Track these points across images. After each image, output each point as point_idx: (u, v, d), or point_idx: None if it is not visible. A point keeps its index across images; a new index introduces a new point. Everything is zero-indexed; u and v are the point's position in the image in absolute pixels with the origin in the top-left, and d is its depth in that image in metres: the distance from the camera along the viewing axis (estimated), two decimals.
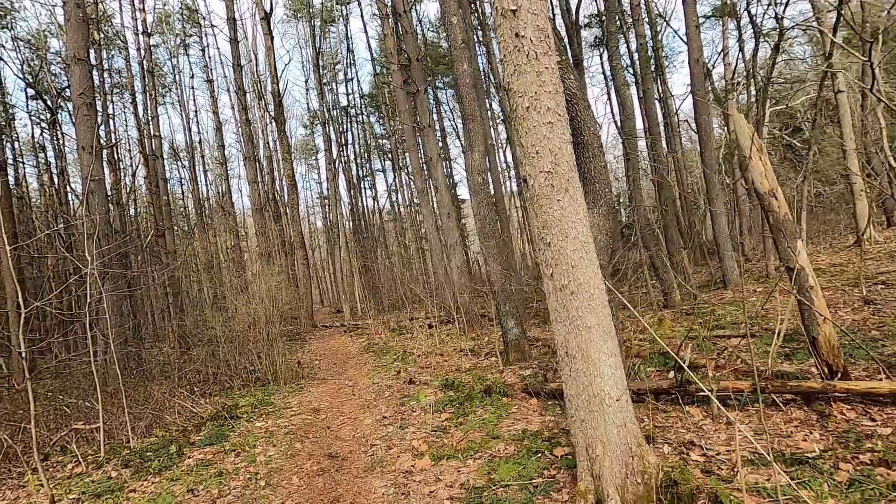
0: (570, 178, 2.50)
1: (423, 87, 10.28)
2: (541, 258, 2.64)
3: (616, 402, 2.53)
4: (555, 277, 2.55)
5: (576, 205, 2.51)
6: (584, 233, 2.53)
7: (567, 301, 2.52)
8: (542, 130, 2.47)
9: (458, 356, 7.91)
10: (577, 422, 2.61)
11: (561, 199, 2.49)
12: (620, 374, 2.58)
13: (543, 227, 2.54)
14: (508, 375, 5.79)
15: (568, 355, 2.58)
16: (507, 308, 6.21)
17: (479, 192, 6.30)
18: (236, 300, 8.81)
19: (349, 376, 8.24)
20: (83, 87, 8.69)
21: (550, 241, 2.53)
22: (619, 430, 2.52)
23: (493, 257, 6.24)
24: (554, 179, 2.48)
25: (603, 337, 2.54)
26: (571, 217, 2.50)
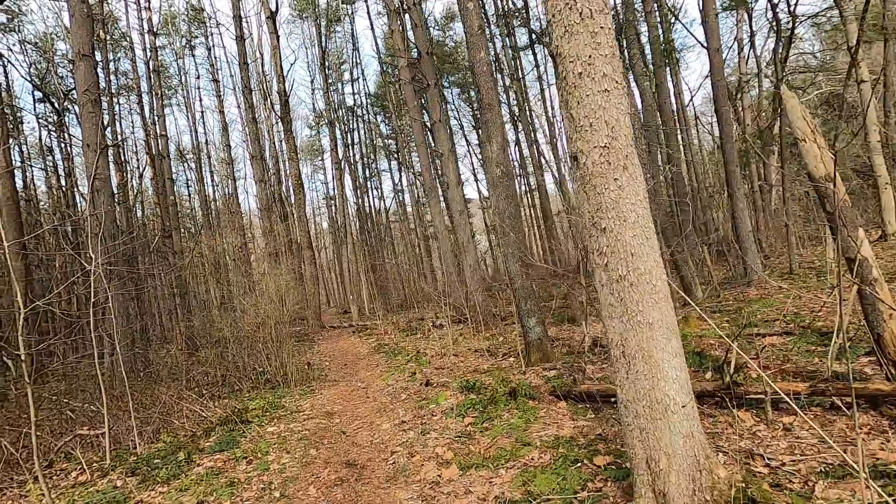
0: (629, 154, 2.19)
1: (434, 81, 9.98)
2: (592, 246, 2.32)
3: (682, 410, 2.21)
4: (610, 267, 2.24)
5: (635, 184, 2.20)
6: (644, 216, 2.21)
7: (625, 294, 2.21)
8: (597, 99, 2.16)
9: (475, 357, 7.60)
10: (636, 431, 2.29)
11: (619, 177, 2.18)
12: (685, 377, 2.26)
13: (597, 211, 2.22)
14: (532, 377, 5.47)
15: (625, 356, 2.26)
16: (528, 306, 5.89)
17: (499, 185, 5.99)
18: (244, 300, 8.53)
19: (361, 378, 7.95)
20: (88, 84, 8.46)
21: (606, 227, 2.21)
22: (685, 440, 2.20)
23: (514, 254, 5.93)
24: (610, 155, 2.17)
25: (666, 334, 2.22)
26: (630, 198, 2.19)
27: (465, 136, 25.51)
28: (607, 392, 4.33)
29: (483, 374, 6.15)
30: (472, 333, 9.60)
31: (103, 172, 8.40)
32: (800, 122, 3.48)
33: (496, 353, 7.35)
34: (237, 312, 8.79)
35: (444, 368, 7.11)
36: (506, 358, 6.99)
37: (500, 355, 7.20)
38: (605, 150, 2.18)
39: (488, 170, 6.04)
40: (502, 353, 7.26)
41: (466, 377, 6.13)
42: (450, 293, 13.56)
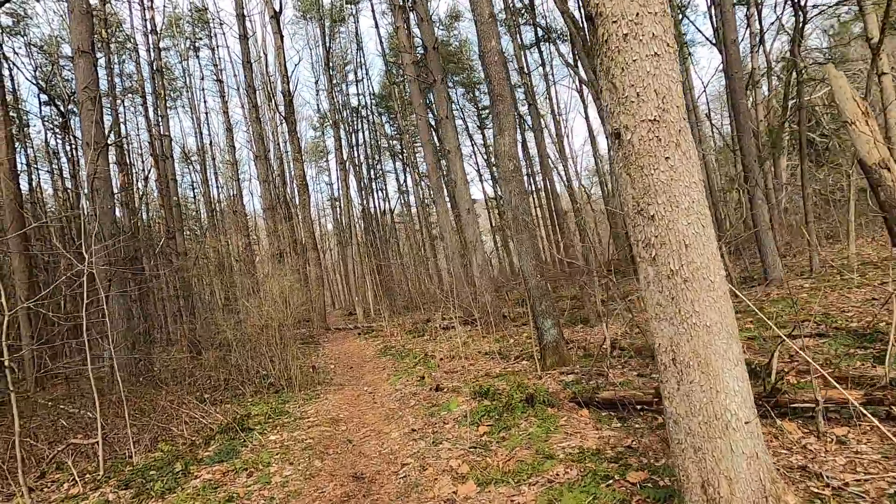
0: (682, 129, 1.87)
1: (440, 76, 9.68)
2: (637, 237, 2.00)
3: (745, 427, 1.88)
4: (659, 261, 1.92)
5: (689, 164, 1.88)
6: (699, 201, 1.89)
7: (677, 292, 1.89)
8: (645, 65, 1.84)
9: (485, 359, 7.27)
10: (689, 450, 1.96)
11: (670, 156, 1.86)
12: (748, 389, 1.93)
13: (644, 195, 1.90)
14: (549, 382, 5.14)
15: (676, 363, 1.94)
16: (543, 307, 5.57)
17: (511, 180, 5.67)
18: (248, 302, 8.25)
19: (368, 382, 7.64)
20: (87, 81, 8.22)
21: (655, 214, 1.89)
22: (749, 462, 1.87)
23: (527, 252, 5.61)
24: (661, 130, 1.85)
25: (727, 339, 1.89)
26: (683, 180, 1.87)
27: (469, 135, 25.22)
28: (634, 399, 4.00)
29: (496, 378, 5.82)
30: (481, 335, 9.28)
31: (103, 171, 8.16)
32: (849, 104, 3.15)
33: (508, 356, 7.02)
34: (240, 314, 8.51)
35: (454, 372, 6.79)
36: (518, 361, 6.66)
37: (513, 358, 6.87)
38: (655, 125, 1.86)
39: (499, 164, 5.73)
40: (514, 356, 6.93)
41: (479, 382, 5.81)
42: (457, 294, 13.24)
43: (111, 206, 8.29)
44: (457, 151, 9.56)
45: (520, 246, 5.64)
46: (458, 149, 9.71)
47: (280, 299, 7.74)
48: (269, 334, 7.91)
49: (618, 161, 2.01)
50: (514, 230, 5.68)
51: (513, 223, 5.71)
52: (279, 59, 17.16)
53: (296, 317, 8.31)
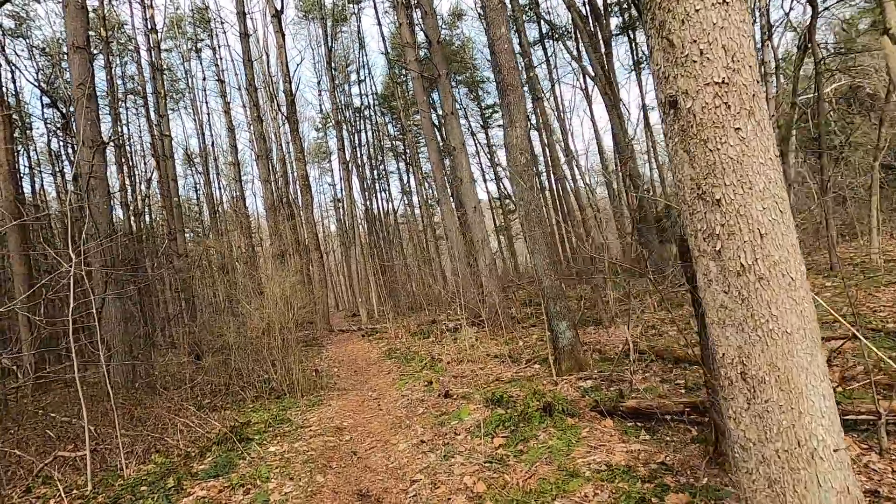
0: (756, 94, 1.53)
1: (445, 71, 9.36)
2: (695, 227, 1.66)
3: (833, 455, 1.54)
4: (726, 255, 1.58)
5: (764, 136, 1.54)
6: (777, 182, 1.55)
7: (750, 291, 1.55)
8: (711, 16, 1.50)
9: (495, 363, 6.93)
10: (761, 481, 1.62)
11: (742, 126, 1.52)
12: (835, 410, 1.59)
13: (708, 175, 1.57)
14: (566, 389, 4.79)
15: (746, 378, 1.60)
16: (557, 308, 5.22)
17: (523, 175, 5.33)
18: (249, 304, 7.94)
19: (372, 386, 7.31)
20: (83, 77, 7.93)
21: (721, 197, 1.55)
22: (840, 498, 1.53)
23: (541, 250, 5.27)
24: (730, 95, 1.51)
25: (810, 348, 1.55)
26: (758, 156, 1.53)
27: (473, 134, 24.88)
28: (663, 409, 3.65)
29: (508, 384, 5.48)
30: (488, 337, 8.93)
31: (99, 170, 7.87)
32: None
33: (519, 360, 6.67)
34: (240, 317, 8.20)
35: (462, 377, 6.44)
36: (530, 365, 6.32)
37: (524, 362, 6.52)
38: (723, 89, 1.52)
39: (510, 157, 5.39)
40: (525, 360, 6.58)
41: (490, 388, 5.47)
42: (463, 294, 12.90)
43: (108, 206, 8.00)
44: (462, 148, 9.23)
45: (533, 244, 5.30)
46: (463, 145, 9.38)
47: (282, 301, 7.42)
48: (270, 337, 7.59)
49: (672, 135, 1.67)
50: (526, 227, 5.34)
51: (525, 219, 5.37)
52: (281, 59, 16.88)
53: (298, 319, 7.99)
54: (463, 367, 7.14)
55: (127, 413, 6.09)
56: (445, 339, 10.50)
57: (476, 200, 9.24)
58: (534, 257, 5.35)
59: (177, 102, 25.32)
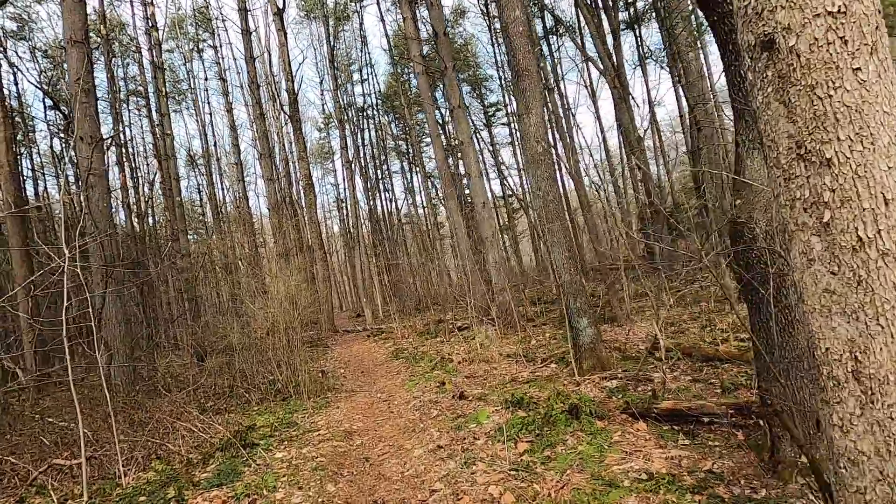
0: (879, 26, 1.24)
1: (451, 63, 9.07)
2: (790, 196, 1.37)
3: None
4: (837, 226, 1.28)
5: (888, 79, 1.24)
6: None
7: (869, 271, 1.25)
8: None
9: (508, 363, 6.63)
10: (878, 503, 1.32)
11: (862, 66, 1.22)
12: None
13: (815, 129, 1.27)
14: (589, 389, 4.49)
15: (860, 377, 1.30)
16: (578, 304, 4.92)
17: (540, 164, 5.04)
18: (253, 304, 7.65)
19: (381, 388, 7.02)
20: (81, 72, 7.67)
21: (832, 155, 1.26)
22: None
23: (560, 244, 4.97)
24: (846, 28, 1.22)
25: None
26: (882, 104, 1.23)
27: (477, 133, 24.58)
28: (701, 410, 3.35)
29: (526, 384, 5.18)
30: (499, 336, 8.63)
31: (98, 167, 7.60)
32: None
33: (534, 359, 6.37)
34: (244, 317, 7.92)
35: (476, 377, 6.14)
36: (547, 364, 6.01)
37: (539, 361, 6.22)
38: (838, 20, 1.22)
39: (526, 146, 5.09)
40: (541, 359, 6.28)
41: (507, 388, 5.17)
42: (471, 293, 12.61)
43: (107, 204, 7.73)
44: (470, 142, 8.94)
45: (551, 237, 5.00)
46: (471, 139, 9.09)
47: (287, 300, 7.13)
48: (275, 338, 7.31)
49: (764, 85, 1.37)
50: (544, 219, 5.04)
51: (543, 211, 5.07)
52: (283, 57, 16.62)
53: (303, 319, 7.71)
54: (475, 366, 6.85)
55: (128, 417, 5.81)
56: (453, 339, 10.21)
57: (485, 196, 8.95)
58: (553, 251, 5.05)
59: (179, 103, 25.13)
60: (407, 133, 25.90)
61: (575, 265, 5.01)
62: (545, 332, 8.54)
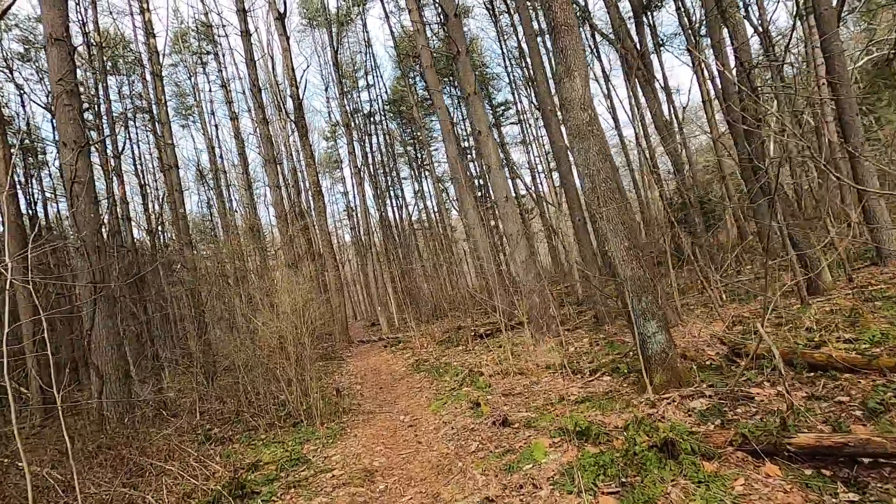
0: None
1: (465, 47, 8.17)
2: None
3: None
4: None
5: None
6: None
7: None
8: None
9: (549, 375, 5.62)
10: None
11: None
12: None
13: None
14: (671, 412, 3.48)
15: None
16: (644, 304, 3.93)
17: (587, 136, 4.08)
18: (255, 318, 6.76)
19: (404, 408, 6.06)
20: (63, 72, 6.92)
21: None
22: None
23: (617, 232, 3.99)
24: None
25: None
26: None
27: None
28: (865, 448, 2.33)
29: (581, 403, 4.18)
30: (531, 343, 7.62)
31: (83, 175, 6.81)
32: None
33: (580, 370, 5.36)
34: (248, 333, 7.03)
35: (514, 394, 5.15)
36: (598, 377, 5.00)
37: (588, 373, 5.21)
38: None
39: (568, 116, 4.14)
40: (589, 370, 5.26)
41: (556, 410, 4.18)
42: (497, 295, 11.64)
43: (95, 215, 6.93)
44: (489, 132, 8.00)
45: (607, 223, 4.02)
46: (490, 128, 8.14)
47: (294, 314, 6.22)
48: (284, 355, 6.40)
49: None
50: (594, 203, 4.06)
51: (592, 194, 4.09)
52: (286, 62, 15.92)
53: (313, 331, 6.80)
54: (510, 381, 5.85)
55: (112, 457, 4.92)
56: (478, 347, 9.22)
57: (507, 189, 7.98)
58: (609, 242, 4.06)
59: (186, 118, 24.65)
60: (415, 138, 25.12)
61: (638, 256, 4.02)
62: (581, 338, 7.52)
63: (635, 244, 4.05)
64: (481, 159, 9.53)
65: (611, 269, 7.98)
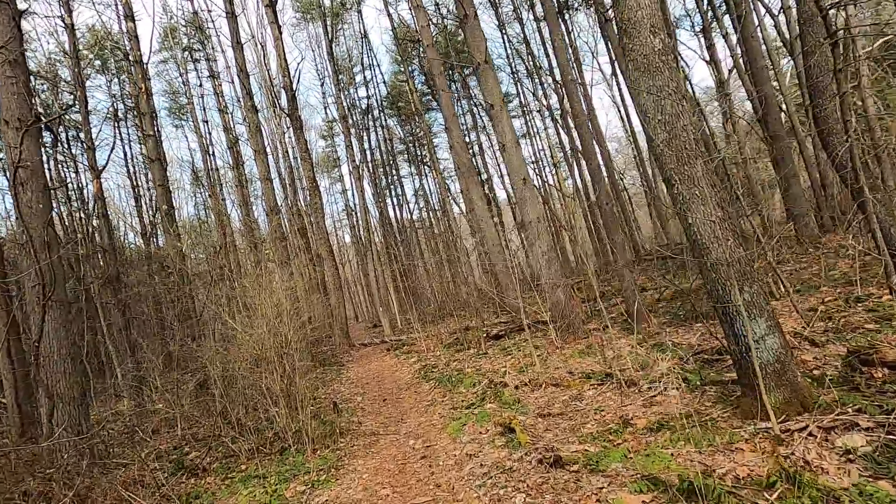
0: None
1: (473, 10, 7.01)
2: None
3: None
4: None
5: None
6: None
7: None
8: None
9: (591, 387, 4.46)
10: None
11: None
12: None
13: None
14: (810, 451, 2.31)
15: None
16: (749, 295, 2.78)
17: (659, 70, 2.94)
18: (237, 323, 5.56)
19: (414, 429, 4.89)
20: (5, 39, 5.75)
21: None
22: None
23: (703, 195, 2.84)
24: None
25: None
26: None
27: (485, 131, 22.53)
28: None
29: (657, 432, 3.01)
30: (555, 345, 6.46)
31: (30, 159, 5.63)
32: None
33: (634, 382, 4.19)
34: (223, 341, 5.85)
35: (555, 415, 3.98)
36: (661, 391, 3.83)
37: (645, 385, 4.04)
38: None
39: (634, 41, 3.00)
40: (647, 382, 4.09)
41: (625, 441, 3.01)
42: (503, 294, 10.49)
43: (46, 206, 5.74)
44: (503, 105, 6.84)
45: (689, 186, 2.87)
46: (504, 102, 6.98)
47: (276, 318, 5.05)
48: (268, 368, 5.22)
49: None
50: (674, 159, 2.91)
51: (667, 147, 2.94)
52: (278, 52, 14.73)
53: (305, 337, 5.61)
54: (544, 394, 4.68)
55: None
56: (492, 351, 8.06)
57: (525, 171, 6.82)
58: (692, 212, 2.90)
59: (180, 118, 23.46)
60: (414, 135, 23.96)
61: (734, 231, 2.86)
62: (616, 338, 6.35)
63: (728, 215, 2.89)
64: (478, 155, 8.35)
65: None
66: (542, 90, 16.94)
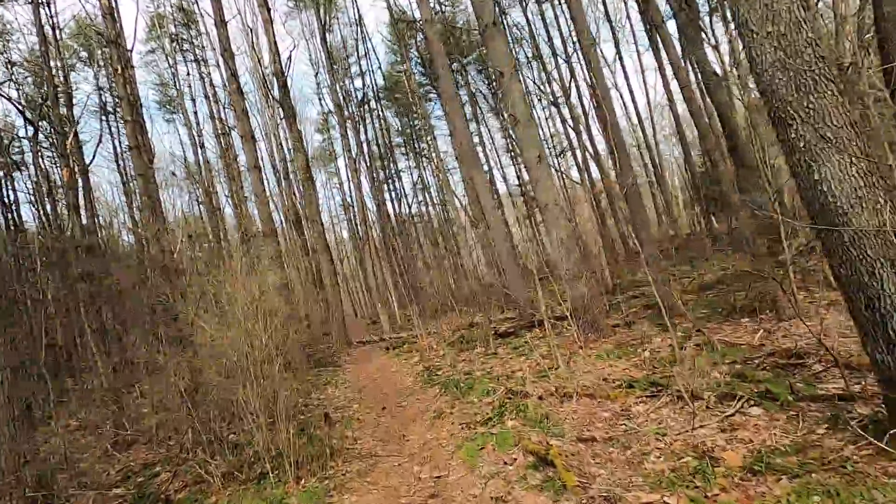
0: None
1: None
2: None
3: None
4: None
5: None
6: None
7: None
8: None
9: (644, 401, 3.52)
10: None
11: None
12: None
13: None
14: None
15: None
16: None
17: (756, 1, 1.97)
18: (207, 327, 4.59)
19: (419, 449, 3.96)
20: None
21: None
22: None
23: (838, 137, 1.88)
24: None
25: None
26: None
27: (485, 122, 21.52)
28: None
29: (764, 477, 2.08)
30: (578, 345, 5.53)
31: None
32: None
33: (698, 395, 3.25)
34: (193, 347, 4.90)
35: (601, 439, 3.05)
36: (739, 409, 2.91)
37: (712, 399, 3.11)
38: None
39: None
40: (713, 396, 3.17)
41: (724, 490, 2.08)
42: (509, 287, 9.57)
43: None
44: (513, 73, 5.86)
45: (818, 125, 1.92)
46: (515, 70, 6.02)
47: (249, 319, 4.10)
48: (243, 377, 4.26)
49: None
50: (796, 88, 1.95)
51: (787, 71, 1.98)
52: (268, 36, 13.68)
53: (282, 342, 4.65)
54: (576, 407, 3.75)
55: None
56: (502, 350, 7.14)
57: (539, 147, 5.86)
58: (822, 165, 1.96)
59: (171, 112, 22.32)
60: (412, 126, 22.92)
61: (886, 189, 1.93)
62: (650, 337, 5.42)
63: (874, 170, 1.95)
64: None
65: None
66: (544, 75, 15.95)
